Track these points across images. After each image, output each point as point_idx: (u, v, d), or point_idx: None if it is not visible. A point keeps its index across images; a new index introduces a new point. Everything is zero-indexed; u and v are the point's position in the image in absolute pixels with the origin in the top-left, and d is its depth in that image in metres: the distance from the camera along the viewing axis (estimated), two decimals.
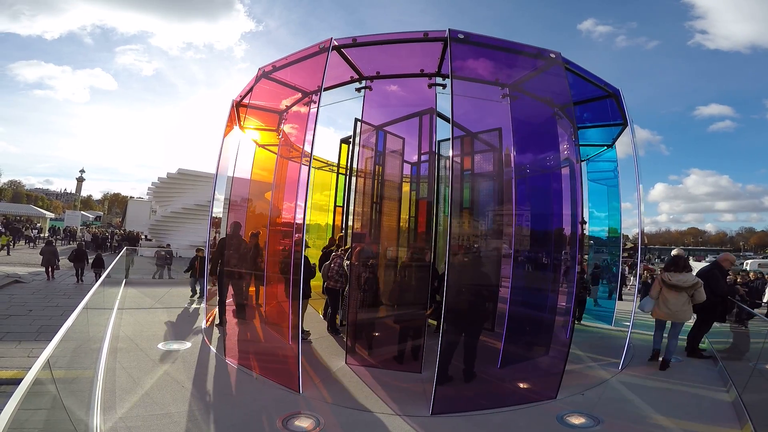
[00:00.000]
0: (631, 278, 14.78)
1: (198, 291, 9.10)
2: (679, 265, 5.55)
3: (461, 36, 4.64)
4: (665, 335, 5.62)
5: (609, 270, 9.63)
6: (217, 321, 6.69)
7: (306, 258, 6.38)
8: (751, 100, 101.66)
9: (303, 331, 6.14)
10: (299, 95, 6.36)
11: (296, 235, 5.52)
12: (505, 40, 4.93)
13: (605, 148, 7.91)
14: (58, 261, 14.12)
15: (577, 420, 3.83)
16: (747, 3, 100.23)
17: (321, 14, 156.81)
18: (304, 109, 6.48)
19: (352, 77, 5.98)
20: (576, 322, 6.51)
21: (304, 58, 5.30)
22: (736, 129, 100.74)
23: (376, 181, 6.59)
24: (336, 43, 5.04)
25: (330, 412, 3.85)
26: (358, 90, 6.02)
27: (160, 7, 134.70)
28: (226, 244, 6.98)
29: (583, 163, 8.57)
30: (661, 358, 5.37)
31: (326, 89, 6.22)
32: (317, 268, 7.14)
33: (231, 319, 6.58)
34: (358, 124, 6.87)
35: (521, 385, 4.62)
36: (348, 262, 6.00)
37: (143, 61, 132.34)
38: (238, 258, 6.83)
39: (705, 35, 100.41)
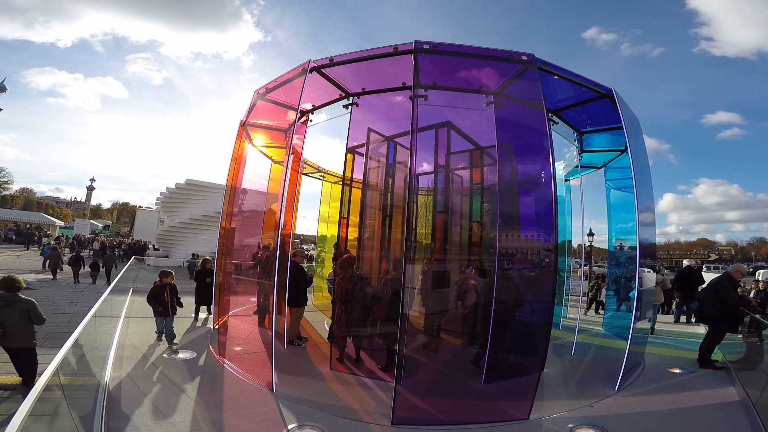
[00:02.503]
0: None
1: (165, 333, 6.11)
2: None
3: (426, 46, 4.69)
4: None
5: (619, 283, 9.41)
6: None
7: (301, 268, 6.63)
8: (760, 107, 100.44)
9: (299, 337, 6.35)
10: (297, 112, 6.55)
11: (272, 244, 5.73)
12: (473, 47, 4.89)
13: (619, 153, 7.41)
14: (62, 264, 16.11)
15: None
16: (752, 9, 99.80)
17: (330, 26, 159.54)
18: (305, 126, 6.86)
19: (340, 94, 6.20)
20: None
21: (290, 79, 5.51)
22: (744, 137, 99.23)
23: (374, 192, 6.69)
24: (314, 65, 5.23)
25: (330, 421, 3.82)
26: (346, 107, 6.23)
27: (169, 16, 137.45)
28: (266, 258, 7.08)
29: (601, 170, 8.21)
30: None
31: (319, 107, 6.65)
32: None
33: (239, 327, 6.63)
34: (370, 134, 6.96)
35: (496, 403, 4.46)
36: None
37: (153, 70, 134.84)
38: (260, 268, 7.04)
39: (711, 42, 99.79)
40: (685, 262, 11.37)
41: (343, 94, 6.19)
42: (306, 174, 10.01)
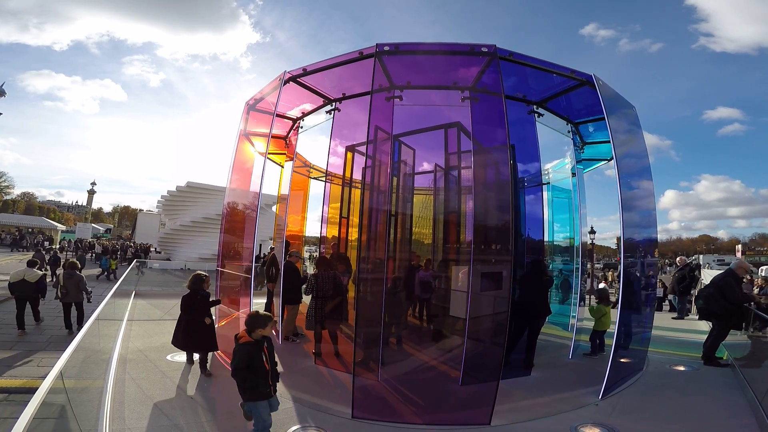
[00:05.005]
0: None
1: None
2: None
3: (387, 48, 4.76)
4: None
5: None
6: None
7: (295, 268, 6.83)
8: (761, 102, 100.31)
9: (295, 333, 6.62)
10: (289, 120, 7.20)
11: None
12: (435, 43, 4.98)
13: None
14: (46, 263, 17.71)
15: (591, 431, 3.74)
16: (750, 5, 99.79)
17: (331, 27, 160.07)
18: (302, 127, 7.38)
19: (324, 101, 6.36)
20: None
21: (272, 89, 5.71)
22: (746, 132, 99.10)
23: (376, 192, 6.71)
24: (289, 75, 5.47)
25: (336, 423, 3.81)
26: (329, 113, 6.40)
27: (165, 17, 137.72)
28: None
29: (610, 163, 8.03)
30: None
31: (308, 114, 7.00)
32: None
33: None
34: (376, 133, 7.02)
35: (461, 405, 4.37)
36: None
37: (150, 72, 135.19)
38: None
39: (710, 38, 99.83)
40: (680, 259, 11.39)
41: (325, 101, 6.37)
42: (315, 178, 10.05)
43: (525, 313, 5.42)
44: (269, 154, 8.33)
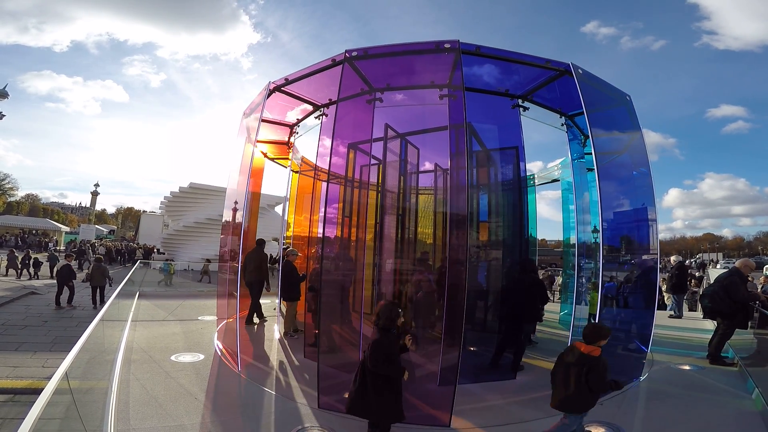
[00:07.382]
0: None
1: None
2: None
3: (356, 53, 4.85)
4: None
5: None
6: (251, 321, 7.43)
7: (293, 266, 7.06)
8: (766, 100, 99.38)
9: (295, 330, 6.90)
10: (287, 127, 7.53)
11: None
12: (402, 44, 4.97)
13: (631, 136, 6.62)
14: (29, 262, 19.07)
15: (596, 430, 3.72)
16: (754, 2, 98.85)
17: (334, 27, 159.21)
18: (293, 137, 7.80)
19: (312, 107, 6.54)
20: None
21: (262, 100, 5.85)
22: (750, 130, 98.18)
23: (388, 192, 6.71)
24: (273, 86, 5.71)
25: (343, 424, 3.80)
26: (317, 118, 6.56)
27: (164, 17, 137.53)
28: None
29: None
30: None
31: (300, 121, 7.27)
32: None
33: (246, 327, 6.71)
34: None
35: (429, 405, 4.21)
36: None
37: (151, 73, 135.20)
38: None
39: (713, 36, 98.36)
40: (674, 258, 11.35)
41: (314, 107, 6.52)
42: (325, 181, 10.15)
43: (511, 315, 5.35)
44: (276, 159, 8.65)
